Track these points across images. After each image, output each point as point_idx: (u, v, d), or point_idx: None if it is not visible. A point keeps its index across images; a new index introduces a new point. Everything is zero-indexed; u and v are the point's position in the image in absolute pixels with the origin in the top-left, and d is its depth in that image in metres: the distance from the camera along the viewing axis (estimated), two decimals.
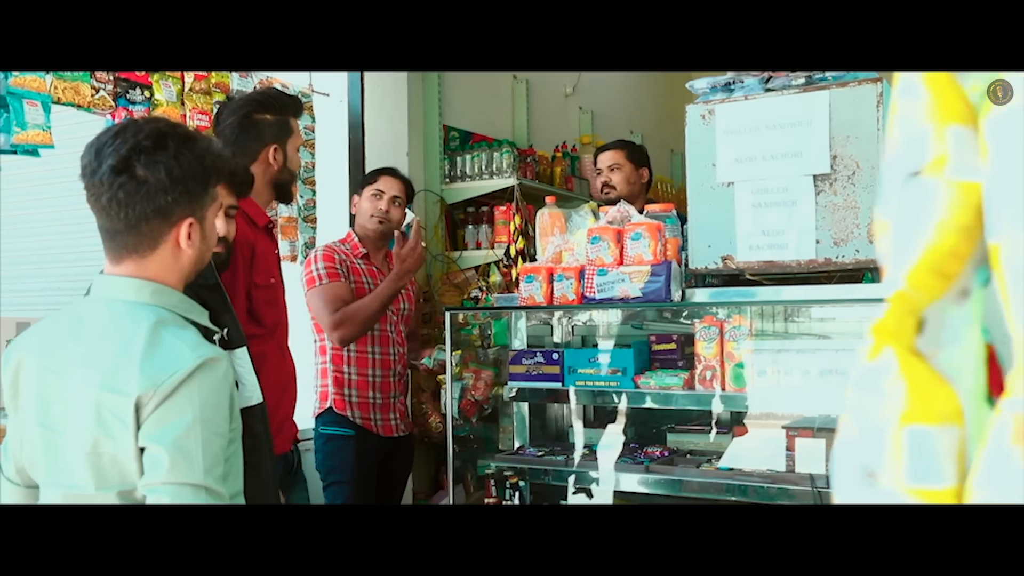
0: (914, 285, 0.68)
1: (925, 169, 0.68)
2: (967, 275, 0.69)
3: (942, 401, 0.67)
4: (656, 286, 2.28)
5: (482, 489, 2.69)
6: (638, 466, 2.45)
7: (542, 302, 2.47)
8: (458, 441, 2.69)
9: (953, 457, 0.66)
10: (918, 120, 0.70)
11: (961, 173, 0.67)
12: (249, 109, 2.34)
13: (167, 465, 1.24)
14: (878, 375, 0.69)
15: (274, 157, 2.34)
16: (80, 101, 2.56)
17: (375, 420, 2.99)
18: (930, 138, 0.69)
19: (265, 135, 2.33)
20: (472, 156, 4.14)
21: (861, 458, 0.69)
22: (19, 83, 2.35)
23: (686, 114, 2.36)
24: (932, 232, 0.67)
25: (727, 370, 2.32)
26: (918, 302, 0.69)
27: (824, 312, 2.38)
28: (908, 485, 0.66)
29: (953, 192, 0.67)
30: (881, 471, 0.67)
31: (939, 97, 0.69)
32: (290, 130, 2.38)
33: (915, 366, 0.68)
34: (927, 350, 0.69)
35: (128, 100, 2.74)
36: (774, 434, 2.36)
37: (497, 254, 3.92)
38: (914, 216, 0.68)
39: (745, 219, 2.26)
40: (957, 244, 0.67)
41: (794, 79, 2.24)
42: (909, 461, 0.66)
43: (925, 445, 0.66)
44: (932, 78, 0.70)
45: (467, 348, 2.95)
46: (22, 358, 1.41)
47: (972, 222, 0.66)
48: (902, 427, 0.66)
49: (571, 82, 5.39)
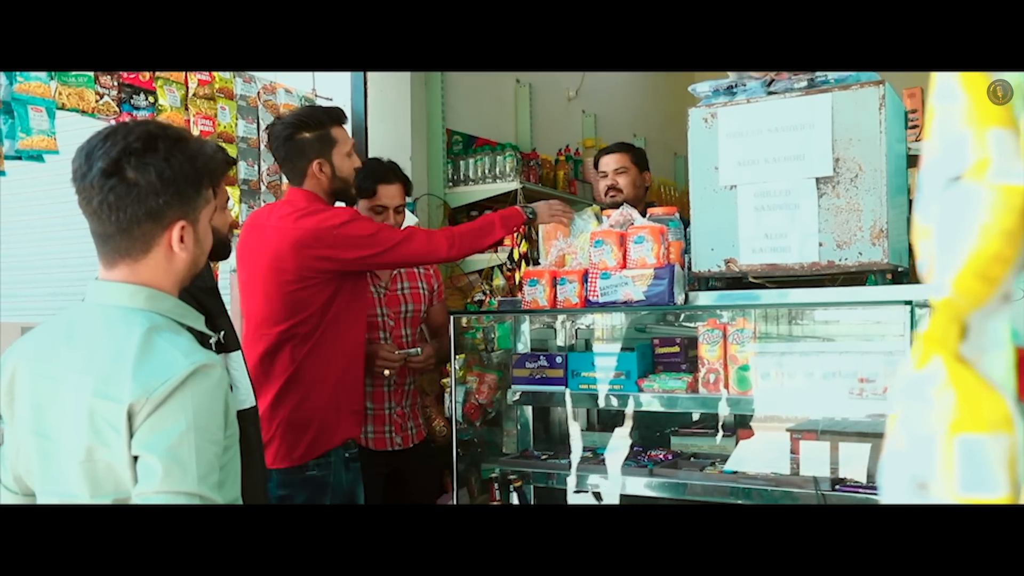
0: (960, 291, 0.68)
1: (966, 173, 0.68)
2: (1010, 279, 0.68)
3: (991, 408, 0.66)
4: (659, 289, 2.28)
5: (486, 493, 2.70)
6: (642, 469, 2.45)
7: (545, 305, 2.48)
8: (462, 445, 2.69)
9: (1005, 464, 0.65)
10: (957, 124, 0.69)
11: (1003, 176, 0.67)
12: (291, 131, 2.49)
13: (160, 474, 1.23)
14: (926, 384, 0.68)
15: (322, 170, 2.48)
16: (84, 107, 2.58)
17: (365, 432, 2.70)
18: (970, 142, 0.68)
19: (308, 152, 2.47)
20: (475, 160, 4.15)
21: (911, 468, 0.69)
22: (24, 89, 2.36)
23: (688, 117, 2.37)
24: (976, 237, 0.67)
25: (731, 373, 2.32)
26: (963, 308, 0.68)
27: (827, 314, 2.38)
28: (961, 495, 0.66)
29: (996, 196, 0.66)
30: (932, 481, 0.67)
31: (977, 100, 0.69)
32: (333, 141, 2.50)
33: (963, 374, 0.67)
34: (971, 356, 0.68)
35: (132, 105, 2.75)
36: (778, 437, 2.36)
37: (500, 258, 3.92)
38: (957, 221, 0.68)
39: (748, 222, 2.26)
40: (1001, 248, 0.66)
41: (796, 82, 2.24)
42: (961, 470, 0.66)
43: (976, 454, 0.65)
44: (969, 82, 0.70)
45: (471, 352, 2.94)
46: (17, 365, 1.40)
47: (1016, 226, 0.66)
48: (952, 436, 0.66)
49: (574, 85, 5.39)
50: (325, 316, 2.41)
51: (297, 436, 2.39)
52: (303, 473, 2.39)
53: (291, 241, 2.38)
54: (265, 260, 2.44)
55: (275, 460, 2.37)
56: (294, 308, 2.39)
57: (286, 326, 2.39)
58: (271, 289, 2.42)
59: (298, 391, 2.39)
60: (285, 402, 2.39)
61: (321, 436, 2.40)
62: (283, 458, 2.38)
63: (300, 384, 2.40)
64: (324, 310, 2.41)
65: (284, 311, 2.39)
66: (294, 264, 2.37)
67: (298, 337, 2.39)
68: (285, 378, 2.39)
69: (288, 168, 2.52)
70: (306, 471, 2.39)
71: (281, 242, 2.39)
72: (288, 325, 2.39)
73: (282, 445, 2.38)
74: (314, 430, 2.39)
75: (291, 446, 2.38)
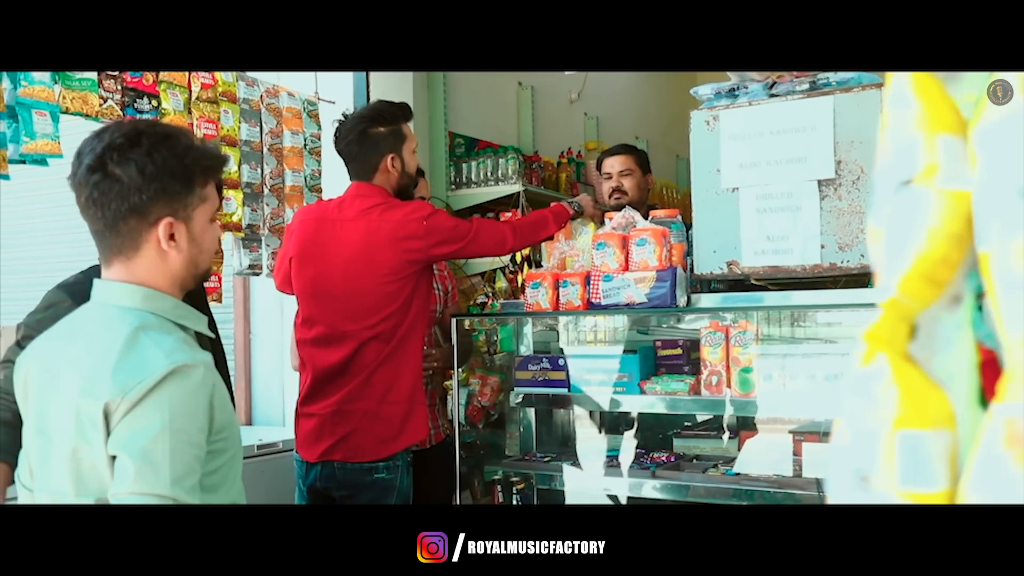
0: (906, 292, 0.70)
1: (916, 178, 0.70)
2: (959, 282, 0.70)
3: (934, 406, 0.68)
4: (661, 291, 2.28)
5: (489, 495, 2.70)
6: (645, 471, 2.46)
7: (548, 308, 2.48)
8: (465, 447, 2.70)
9: (945, 460, 0.67)
10: (909, 130, 0.71)
11: (951, 182, 0.68)
12: (364, 125, 2.50)
13: (132, 474, 1.21)
14: (871, 381, 0.70)
15: (393, 165, 2.49)
16: (88, 111, 2.58)
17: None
18: (921, 147, 0.70)
19: (381, 147, 2.48)
20: (478, 163, 4.15)
21: (855, 462, 0.70)
22: (28, 93, 2.37)
23: (690, 120, 2.37)
24: (923, 240, 0.68)
25: (733, 375, 2.32)
26: (910, 309, 0.70)
27: (829, 316, 2.39)
28: (900, 488, 0.67)
29: (943, 201, 0.68)
30: (874, 475, 0.68)
31: (929, 107, 0.71)
32: (404, 136, 2.53)
33: (907, 371, 0.69)
34: (920, 356, 0.70)
35: (136, 109, 2.76)
36: (780, 439, 2.36)
37: (503, 260, 3.93)
38: (906, 224, 0.70)
39: (750, 224, 2.27)
40: (948, 251, 0.68)
41: (798, 85, 2.25)
42: (901, 465, 0.67)
43: (917, 449, 0.67)
44: (922, 88, 0.71)
45: (474, 354, 2.95)
46: (30, 364, 1.41)
47: (962, 230, 0.68)
48: (895, 431, 0.67)
49: (576, 88, 5.39)
50: (408, 313, 2.40)
51: (377, 431, 2.38)
52: (371, 475, 2.37)
53: (386, 234, 2.37)
54: (348, 255, 2.41)
55: (353, 454, 2.37)
56: (381, 304, 2.37)
57: (373, 321, 2.37)
58: (360, 284, 2.39)
59: (378, 388, 2.38)
60: (363, 399, 2.38)
61: (399, 434, 2.39)
62: (357, 452, 2.37)
63: (380, 381, 2.38)
64: (407, 307, 2.40)
65: (373, 306, 2.37)
66: (390, 257, 2.37)
67: (385, 333, 2.37)
68: (366, 375, 2.38)
69: (359, 163, 2.50)
70: (375, 473, 2.37)
71: (372, 235, 2.39)
72: (376, 320, 2.37)
73: (357, 439, 2.37)
74: (393, 427, 2.38)
75: (366, 440, 2.37)
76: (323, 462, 2.41)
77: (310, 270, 2.49)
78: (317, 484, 2.43)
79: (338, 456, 2.39)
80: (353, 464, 2.37)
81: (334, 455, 2.39)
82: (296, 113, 3.41)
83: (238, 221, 3.13)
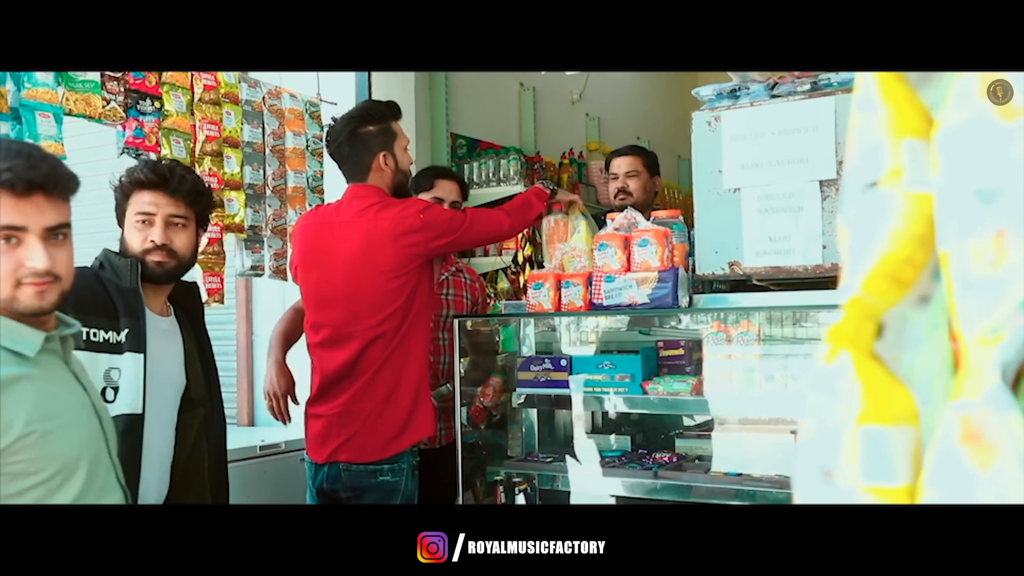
0: (870, 291, 0.71)
1: (881, 180, 0.71)
2: (925, 282, 0.71)
3: (897, 402, 0.69)
4: (663, 292, 2.28)
5: (491, 495, 2.70)
6: (646, 472, 2.46)
7: (550, 309, 2.48)
8: (467, 448, 2.70)
9: (907, 456, 0.68)
10: (875, 133, 0.73)
11: (915, 185, 0.70)
12: (354, 125, 2.51)
13: None
14: (834, 378, 0.71)
15: (386, 163, 2.50)
16: (91, 112, 2.59)
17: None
18: (886, 150, 0.71)
19: (372, 145, 2.49)
20: (480, 164, 4.16)
21: (819, 457, 0.71)
22: (32, 95, 2.38)
23: (692, 121, 2.37)
24: (887, 241, 0.70)
25: (735, 375, 2.32)
26: (875, 308, 0.71)
27: (831, 316, 2.38)
28: (862, 483, 0.68)
29: (907, 203, 0.70)
30: (837, 470, 0.69)
31: (895, 111, 0.72)
32: (394, 134, 2.54)
33: (871, 369, 0.70)
34: (888, 354, 0.71)
35: (138, 111, 2.77)
36: (782, 439, 2.36)
37: (505, 261, 3.93)
38: (870, 225, 0.71)
39: (752, 225, 2.27)
40: (912, 252, 0.70)
41: (799, 86, 2.25)
42: (864, 460, 0.68)
43: (879, 445, 0.68)
44: (889, 92, 0.73)
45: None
46: None
47: (926, 231, 0.69)
48: (857, 427, 0.68)
49: (578, 89, 5.39)
50: (410, 311, 2.41)
51: (381, 431, 2.39)
52: (376, 478, 2.39)
53: (384, 232, 2.39)
54: (348, 256, 2.43)
55: (358, 454, 2.38)
56: (384, 302, 2.38)
57: (377, 320, 2.38)
58: (363, 284, 2.41)
59: (382, 388, 2.39)
60: (367, 399, 2.39)
61: (402, 433, 2.40)
62: (362, 452, 2.38)
63: (384, 381, 2.40)
64: (409, 304, 2.41)
65: (376, 305, 2.39)
66: (390, 253, 2.38)
67: (388, 332, 2.39)
68: (370, 375, 2.39)
69: (351, 164, 2.51)
70: (379, 476, 2.39)
71: (371, 234, 2.40)
72: (379, 319, 2.38)
73: (362, 439, 2.38)
74: (396, 427, 2.39)
75: (371, 440, 2.38)
76: (330, 464, 2.42)
77: (313, 275, 2.51)
78: (324, 486, 2.44)
79: (343, 457, 2.40)
80: (358, 466, 2.38)
81: (340, 456, 2.40)
82: (298, 114, 3.41)
83: (240, 222, 3.14)
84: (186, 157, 2.95)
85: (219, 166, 3.07)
